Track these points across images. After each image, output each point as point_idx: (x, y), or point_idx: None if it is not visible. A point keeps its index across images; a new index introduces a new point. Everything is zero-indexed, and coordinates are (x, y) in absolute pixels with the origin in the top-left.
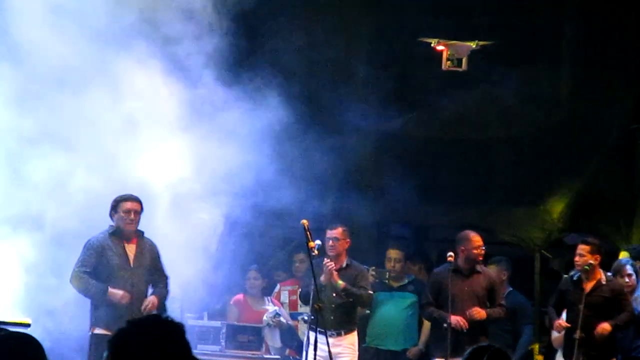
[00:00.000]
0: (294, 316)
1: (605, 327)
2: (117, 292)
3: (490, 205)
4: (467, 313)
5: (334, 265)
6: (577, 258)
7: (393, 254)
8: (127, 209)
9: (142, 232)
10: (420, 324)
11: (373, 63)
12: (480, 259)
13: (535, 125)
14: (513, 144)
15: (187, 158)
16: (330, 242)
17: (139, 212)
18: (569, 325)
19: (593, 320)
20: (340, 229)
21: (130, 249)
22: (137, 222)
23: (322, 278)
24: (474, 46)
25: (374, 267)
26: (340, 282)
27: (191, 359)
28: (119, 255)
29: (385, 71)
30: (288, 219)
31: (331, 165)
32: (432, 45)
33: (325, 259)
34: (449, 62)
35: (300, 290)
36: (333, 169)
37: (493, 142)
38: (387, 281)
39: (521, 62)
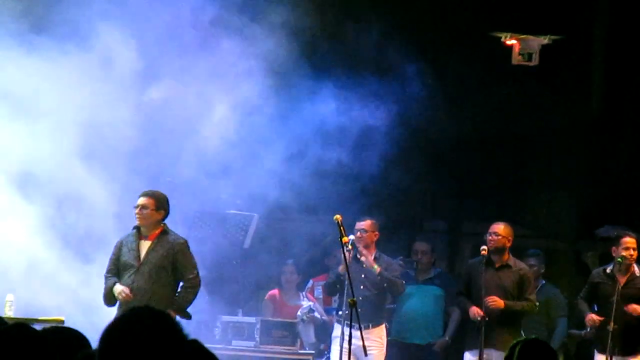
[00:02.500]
0: (328, 311)
1: (637, 308)
2: (117, 288)
3: (524, 199)
4: (484, 301)
5: (366, 253)
6: (627, 252)
7: (420, 247)
8: (136, 204)
9: (166, 230)
10: (447, 318)
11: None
12: (491, 246)
13: (569, 119)
14: (544, 138)
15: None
16: (359, 233)
17: (147, 207)
18: (602, 319)
19: (626, 312)
20: (369, 221)
21: (144, 246)
22: (148, 217)
23: (340, 268)
24: (545, 41)
25: (401, 258)
26: (377, 267)
27: (182, 350)
28: (131, 251)
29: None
30: (322, 214)
31: (363, 161)
32: (503, 39)
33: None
34: (520, 56)
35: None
36: (365, 165)
37: (526, 137)
38: (413, 273)
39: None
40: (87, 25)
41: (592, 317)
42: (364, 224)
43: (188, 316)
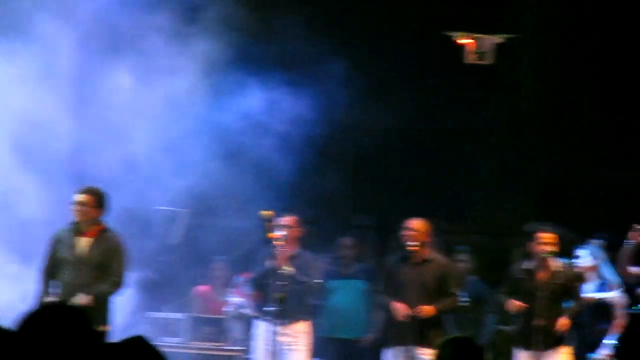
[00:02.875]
0: (257, 307)
1: (564, 322)
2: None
3: (455, 195)
4: (414, 311)
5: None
6: (539, 246)
7: (345, 241)
8: (75, 200)
9: (105, 228)
10: (373, 312)
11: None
12: (407, 242)
13: (502, 115)
14: (476, 134)
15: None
16: (282, 229)
17: (86, 204)
18: (525, 305)
19: (549, 307)
20: (292, 217)
21: (83, 242)
22: (86, 214)
23: (268, 263)
24: (499, 40)
25: (324, 255)
26: (288, 268)
27: (92, 344)
28: (67, 247)
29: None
30: (250, 210)
31: (290, 157)
32: (455, 39)
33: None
34: (474, 55)
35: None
36: (293, 160)
37: (457, 133)
38: (337, 269)
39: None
40: (22, 22)
41: (513, 302)
42: (287, 220)
43: (107, 308)
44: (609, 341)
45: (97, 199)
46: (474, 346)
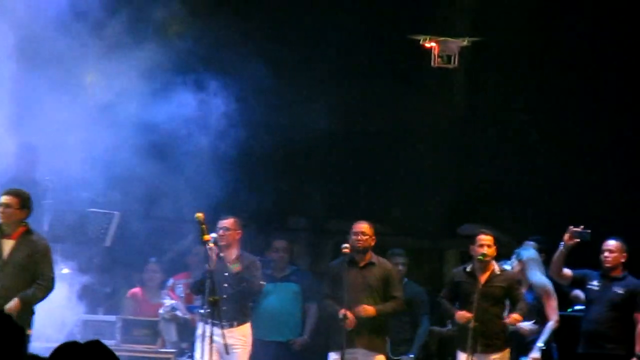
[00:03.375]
0: (190, 310)
1: (516, 317)
2: None
3: (388, 197)
4: (355, 311)
5: (229, 252)
6: (480, 249)
7: (278, 244)
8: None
9: (30, 229)
10: (305, 315)
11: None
12: (359, 246)
13: (433, 118)
14: (408, 136)
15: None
16: (221, 232)
17: (10, 206)
18: (471, 315)
19: (489, 310)
20: (231, 220)
21: (7, 245)
22: (11, 216)
23: (209, 265)
24: (464, 43)
25: (258, 258)
26: (235, 266)
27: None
28: None
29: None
30: (184, 212)
31: (224, 158)
32: (421, 42)
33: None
34: (439, 58)
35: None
36: (227, 161)
37: (390, 134)
38: (270, 271)
39: None
40: None
41: (464, 314)
42: (226, 222)
43: (31, 312)
44: (540, 344)
45: (21, 201)
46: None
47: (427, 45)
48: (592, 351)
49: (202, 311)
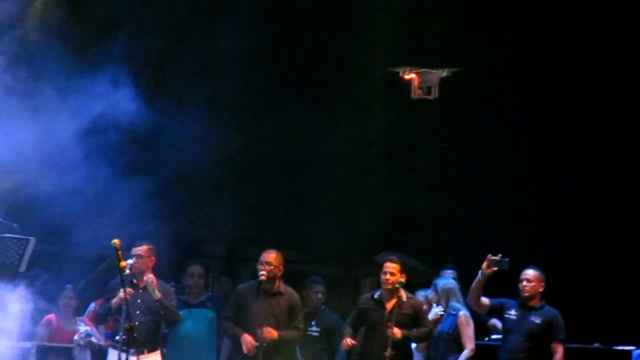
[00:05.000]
0: (107, 336)
1: (396, 331)
2: None
3: (303, 224)
4: (258, 332)
5: (152, 277)
6: (387, 277)
7: (194, 269)
8: None
9: None
10: (220, 340)
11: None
12: (264, 278)
13: (348, 146)
14: (324, 164)
15: None
16: (134, 259)
17: None
18: (355, 342)
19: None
20: (145, 247)
21: None
22: None
23: (113, 301)
24: (444, 73)
25: (173, 284)
26: (157, 292)
27: None
28: None
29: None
30: (103, 238)
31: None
32: (401, 74)
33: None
34: (419, 90)
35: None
36: (141, 186)
37: (306, 162)
38: (185, 297)
39: None
40: None
41: (347, 341)
42: (140, 249)
43: None
44: None
45: None
46: None
47: (407, 77)
48: None
49: (117, 337)
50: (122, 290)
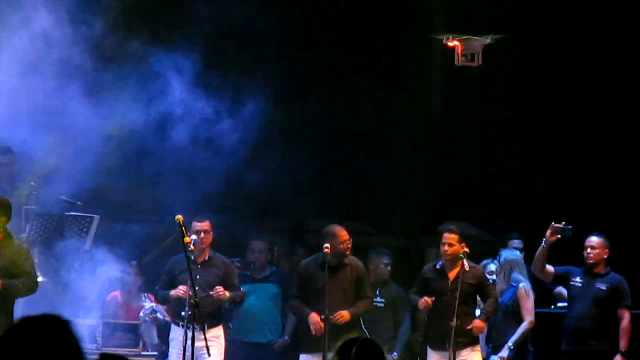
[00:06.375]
0: (171, 312)
1: (479, 325)
2: None
3: (368, 196)
4: (331, 318)
5: (222, 290)
6: (445, 247)
7: (256, 245)
8: None
9: (10, 234)
10: (285, 315)
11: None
12: (348, 252)
13: (411, 117)
14: (388, 135)
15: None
16: (202, 234)
17: None
18: (434, 299)
19: (460, 307)
20: (207, 222)
21: None
22: None
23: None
24: (488, 41)
25: (238, 259)
26: (227, 294)
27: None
28: None
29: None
30: (164, 214)
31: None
32: (444, 41)
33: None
34: (462, 57)
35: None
36: (204, 164)
37: (369, 134)
38: (250, 273)
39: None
40: None
41: (425, 299)
42: (205, 224)
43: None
44: (509, 344)
45: (1, 208)
46: (376, 348)
47: (450, 44)
48: (575, 348)
49: (183, 313)
50: (179, 287)
